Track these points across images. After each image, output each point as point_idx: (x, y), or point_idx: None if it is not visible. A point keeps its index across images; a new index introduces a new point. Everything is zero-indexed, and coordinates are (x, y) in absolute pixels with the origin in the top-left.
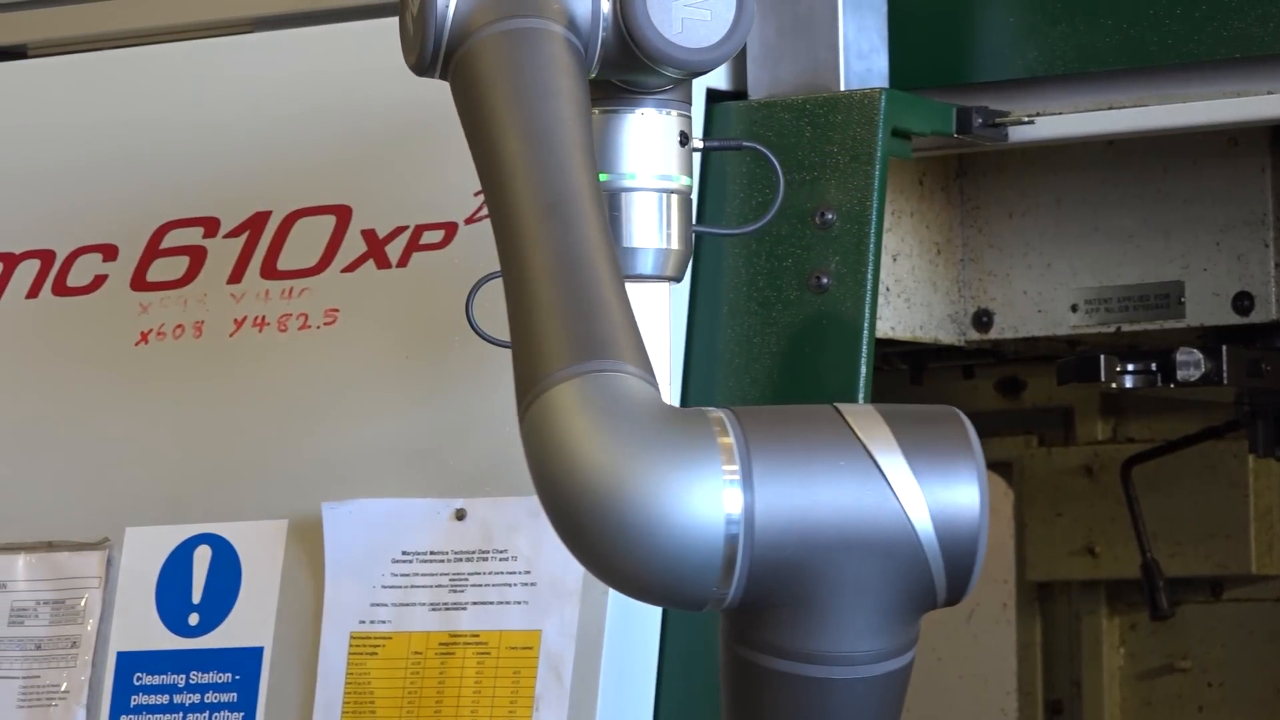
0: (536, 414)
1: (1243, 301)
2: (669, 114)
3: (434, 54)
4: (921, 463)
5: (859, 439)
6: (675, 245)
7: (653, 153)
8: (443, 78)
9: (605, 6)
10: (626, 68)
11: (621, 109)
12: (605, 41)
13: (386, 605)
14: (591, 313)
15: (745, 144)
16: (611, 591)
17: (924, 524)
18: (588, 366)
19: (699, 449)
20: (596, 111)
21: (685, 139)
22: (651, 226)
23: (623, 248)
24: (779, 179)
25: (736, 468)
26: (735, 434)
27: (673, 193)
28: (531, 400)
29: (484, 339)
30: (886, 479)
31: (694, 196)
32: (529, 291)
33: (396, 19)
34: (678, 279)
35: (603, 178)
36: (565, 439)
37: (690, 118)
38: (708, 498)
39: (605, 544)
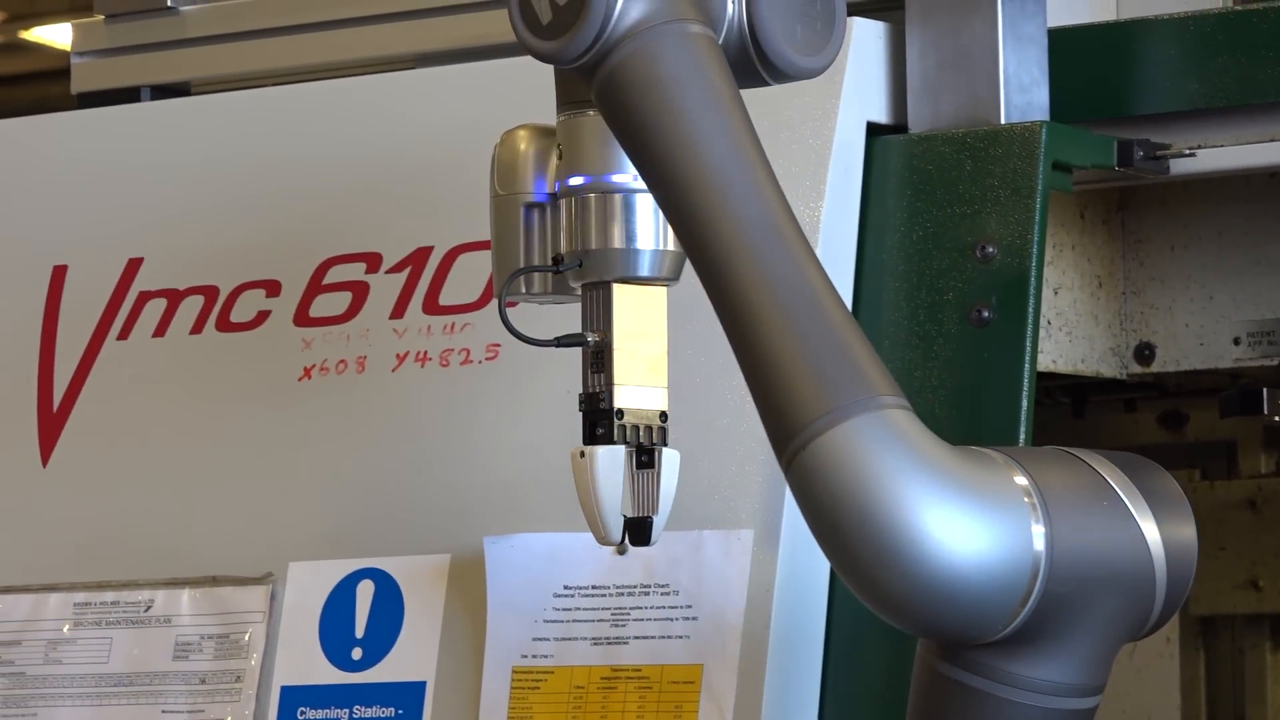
0: (817, 458)
1: None
2: None
3: (592, 46)
4: (1155, 503)
5: (1107, 481)
6: (673, 246)
7: None
8: (583, 72)
9: (731, 11)
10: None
11: None
12: (725, 47)
13: (548, 639)
14: (845, 348)
15: None
16: (773, 625)
17: (1160, 560)
18: (864, 405)
19: (1004, 488)
20: (592, 114)
21: None
22: (651, 228)
23: (627, 249)
24: None
25: (1038, 507)
26: (1024, 474)
27: None
28: (804, 444)
29: (517, 337)
30: (1135, 519)
31: (853, 226)
32: (771, 332)
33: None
34: (675, 279)
35: (615, 179)
36: (860, 481)
37: None
38: (1019, 536)
39: (904, 582)
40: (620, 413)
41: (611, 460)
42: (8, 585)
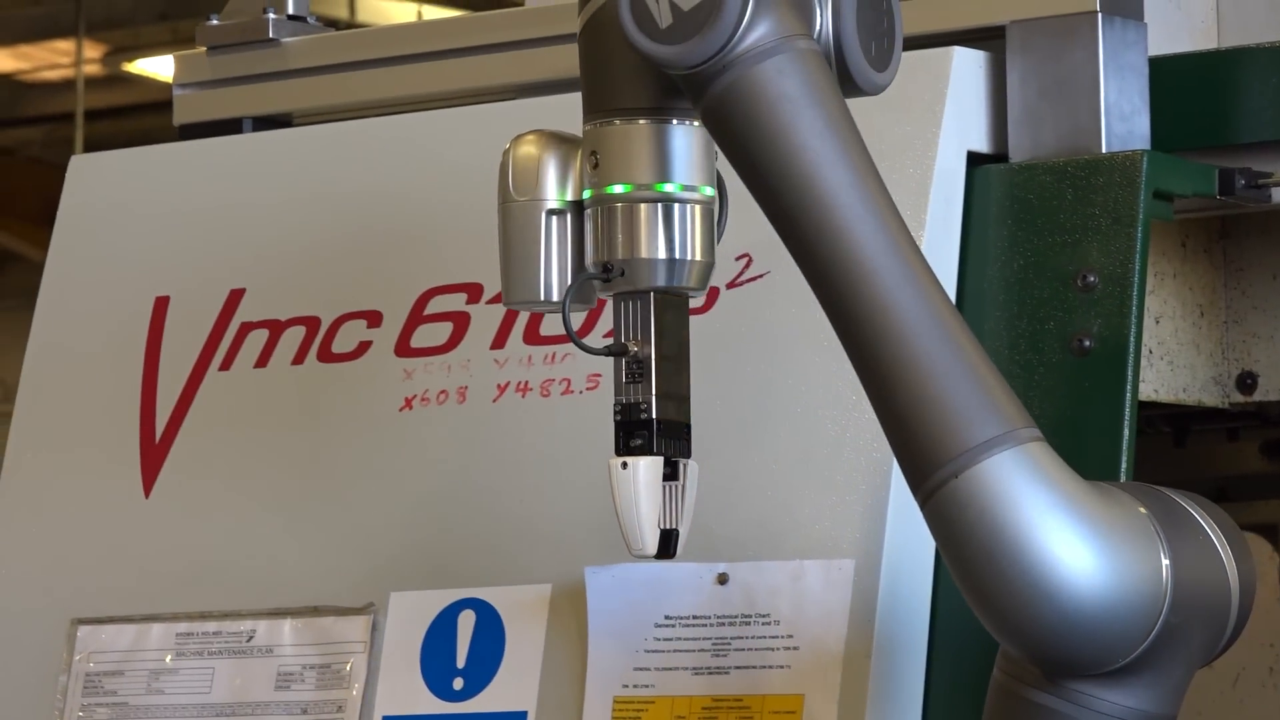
0: (960, 494)
1: None
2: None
3: (716, 54)
4: (1228, 536)
5: (1191, 514)
6: (703, 256)
7: (704, 163)
8: (696, 81)
9: (819, 26)
10: None
11: (682, 120)
12: None
13: (650, 669)
14: (981, 379)
15: None
16: (874, 653)
17: (1235, 592)
18: (1005, 440)
19: (1136, 522)
20: (647, 121)
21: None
22: (689, 238)
23: (668, 259)
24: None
25: (1161, 539)
26: (1145, 507)
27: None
28: (945, 480)
29: (582, 348)
30: (1219, 551)
31: (954, 256)
32: (908, 364)
33: None
34: (703, 290)
35: (658, 188)
36: (1007, 519)
37: None
38: (1152, 569)
39: (1047, 616)
40: (660, 424)
41: (654, 471)
42: (111, 615)
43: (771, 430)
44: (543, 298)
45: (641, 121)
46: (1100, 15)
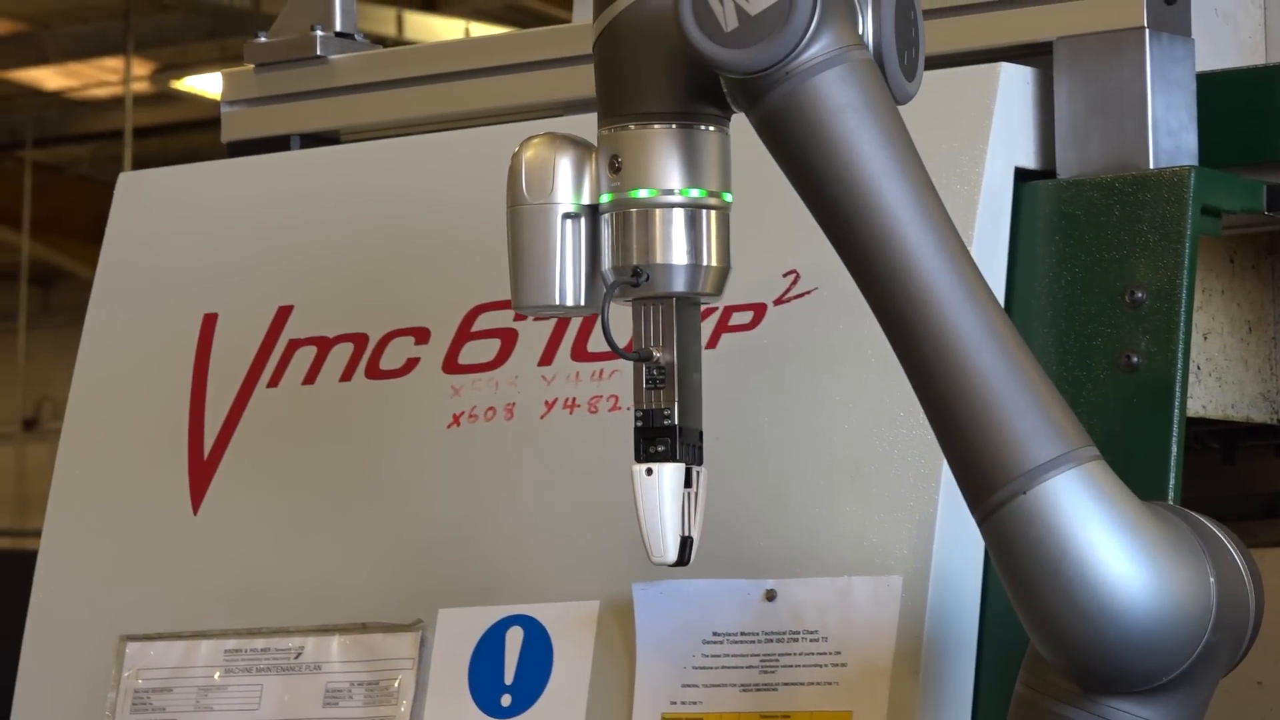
0: (1022, 514)
1: None
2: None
3: (782, 60)
4: (1244, 556)
5: (1215, 533)
6: (719, 262)
7: (725, 169)
8: (755, 87)
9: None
10: None
11: (706, 126)
12: None
13: (698, 686)
14: (1040, 397)
15: None
16: (922, 670)
17: (1253, 611)
18: (1065, 460)
19: (1186, 541)
20: (674, 126)
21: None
22: (711, 244)
23: (693, 264)
24: None
25: (1206, 558)
26: (1189, 526)
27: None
28: (1006, 500)
29: (618, 353)
30: (1241, 571)
31: (1002, 272)
32: (968, 383)
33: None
34: (719, 295)
35: (684, 193)
36: (1070, 539)
37: None
38: (1203, 588)
39: (1104, 635)
40: (683, 430)
41: (678, 478)
42: (159, 632)
43: (819, 446)
44: (557, 302)
45: (669, 126)
46: (1148, 31)
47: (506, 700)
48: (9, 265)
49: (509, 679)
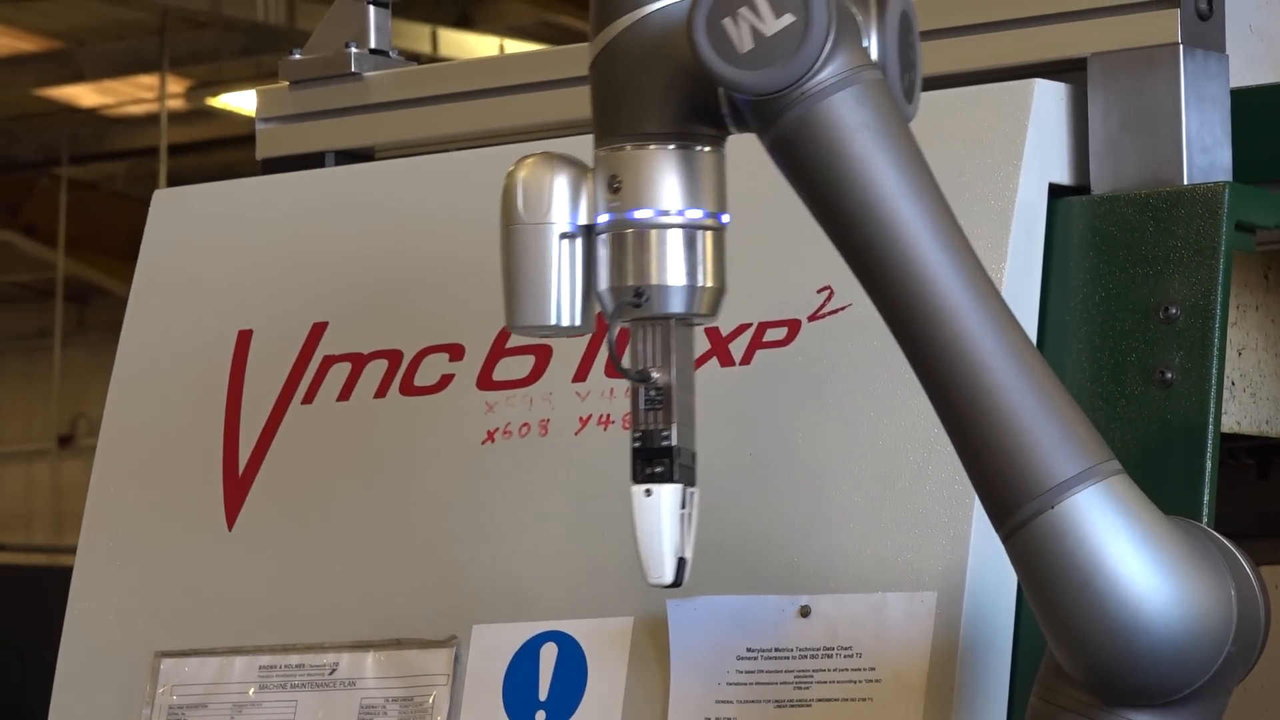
0: (1046, 530)
1: None
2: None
3: (797, 82)
4: (1254, 569)
5: (1229, 546)
6: (714, 283)
7: (723, 190)
8: (769, 109)
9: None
10: None
11: (703, 146)
12: None
13: (732, 702)
14: (1061, 413)
15: None
16: (957, 688)
17: (1264, 623)
18: (1089, 476)
19: (1209, 555)
20: (672, 147)
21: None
22: (709, 264)
23: (690, 285)
24: None
25: (1227, 571)
26: (1215, 542)
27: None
28: (1030, 517)
29: (623, 373)
30: (1253, 583)
31: (1035, 288)
32: (989, 401)
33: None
34: (714, 316)
35: (683, 214)
36: (1095, 557)
37: None
38: (1225, 600)
39: (1133, 650)
40: (680, 451)
41: (676, 499)
42: (194, 648)
43: (854, 463)
44: (552, 322)
45: (668, 147)
46: (1182, 47)
47: (541, 717)
48: (45, 282)
49: (543, 695)
